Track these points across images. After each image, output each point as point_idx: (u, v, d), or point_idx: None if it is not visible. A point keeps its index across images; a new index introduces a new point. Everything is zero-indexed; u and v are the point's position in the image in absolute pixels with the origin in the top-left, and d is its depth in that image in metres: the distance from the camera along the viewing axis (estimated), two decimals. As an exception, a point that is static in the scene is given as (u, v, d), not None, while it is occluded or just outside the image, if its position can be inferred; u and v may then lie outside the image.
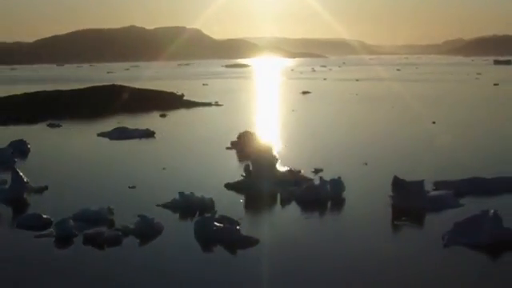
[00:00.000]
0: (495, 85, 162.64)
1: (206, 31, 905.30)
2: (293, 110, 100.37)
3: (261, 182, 43.79)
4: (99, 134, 72.27)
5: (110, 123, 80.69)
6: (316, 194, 41.01)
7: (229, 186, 44.42)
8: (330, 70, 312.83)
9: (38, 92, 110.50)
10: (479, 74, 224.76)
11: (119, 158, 58.37)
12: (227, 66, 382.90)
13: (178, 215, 37.69)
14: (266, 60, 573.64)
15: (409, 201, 38.76)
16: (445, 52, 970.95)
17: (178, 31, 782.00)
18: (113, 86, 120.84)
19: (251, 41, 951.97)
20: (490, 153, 57.63)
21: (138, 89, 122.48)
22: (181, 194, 39.40)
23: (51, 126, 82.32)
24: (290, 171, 46.54)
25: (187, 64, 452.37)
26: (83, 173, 50.57)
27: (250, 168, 44.79)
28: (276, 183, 43.79)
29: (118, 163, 55.46)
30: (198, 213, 37.17)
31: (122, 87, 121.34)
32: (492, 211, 32.95)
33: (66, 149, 64.48)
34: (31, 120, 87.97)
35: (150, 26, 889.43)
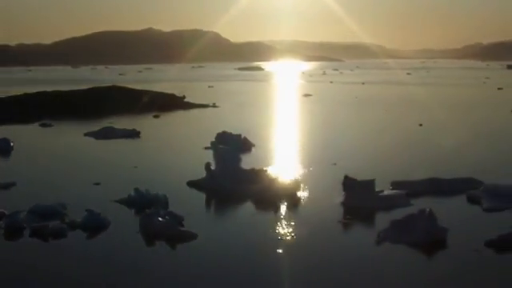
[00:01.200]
0: (499, 89, 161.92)
1: (223, 34, 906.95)
2: (285, 112, 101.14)
3: (221, 180, 44.76)
4: (86, 134, 73.61)
5: (103, 123, 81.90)
6: (271, 193, 41.78)
7: (190, 184, 45.37)
8: (341, 73, 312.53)
9: (37, 92, 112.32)
10: (488, 78, 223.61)
11: (95, 156, 59.52)
12: (240, 69, 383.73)
13: (129, 211, 38.62)
14: (283, 63, 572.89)
15: (359, 200, 39.37)
16: (463, 56, 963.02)
17: (195, 34, 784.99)
18: (112, 87, 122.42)
19: (270, 44, 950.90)
20: (462, 155, 57.97)
21: (138, 90, 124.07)
22: (136, 190, 40.41)
23: (43, 125, 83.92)
24: (252, 170, 47.20)
25: (201, 66, 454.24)
26: (55, 170, 51.95)
27: (211, 166, 45.72)
28: (237, 181, 44.60)
29: (92, 161, 56.57)
30: (151, 208, 38.04)
31: (121, 88, 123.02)
32: (428, 210, 33.50)
33: (48, 147, 65.93)
34: (26, 119, 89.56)
35: (167, 29, 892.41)
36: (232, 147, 61.79)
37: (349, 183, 40.14)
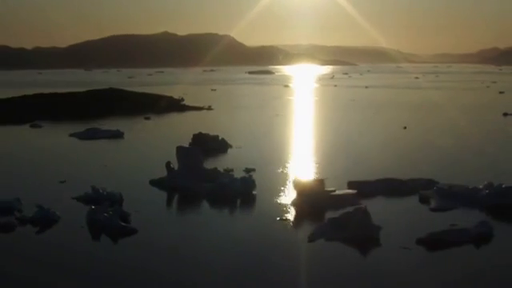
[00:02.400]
0: (500, 93, 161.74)
1: (239, 38, 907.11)
2: (276, 115, 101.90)
3: (181, 179, 45.80)
4: (71, 135, 75.05)
5: (93, 124, 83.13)
6: (225, 191, 42.69)
7: (152, 182, 46.50)
8: (350, 77, 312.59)
9: (34, 94, 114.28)
10: (494, 82, 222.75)
11: (70, 156, 60.72)
12: (250, 73, 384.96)
13: (83, 207, 39.53)
14: (298, 67, 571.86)
15: (308, 199, 40.09)
16: (480, 61, 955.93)
17: (210, 38, 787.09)
18: (109, 90, 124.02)
19: (285, 48, 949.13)
20: (430, 156, 58.44)
21: (135, 92, 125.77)
22: (92, 187, 41.59)
23: (33, 126, 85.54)
24: (214, 169, 48.15)
25: (212, 70, 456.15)
26: (28, 168, 53.41)
27: (171, 165, 46.80)
28: (196, 180, 45.55)
29: (66, 160, 57.85)
30: (106, 205, 39.09)
31: (118, 91, 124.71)
32: (363, 207, 34.25)
33: (29, 147, 67.31)
34: (19, 120, 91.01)
35: (182, 33, 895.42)
36: (202, 148, 62.97)
37: (299, 182, 40.92)
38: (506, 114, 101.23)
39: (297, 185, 40.88)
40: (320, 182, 40.97)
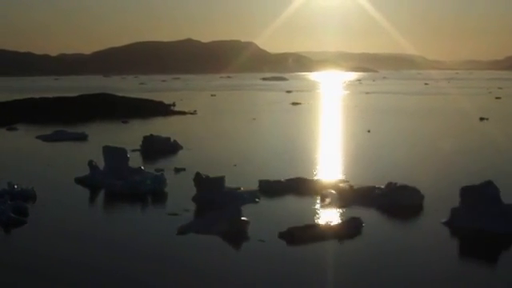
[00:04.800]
0: (497, 98, 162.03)
1: (262, 45, 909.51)
2: (253, 119, 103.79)
3: (102, 177, 48.07)
4: (37, 137, 78.04)
5: (69, 128, 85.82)
6: (135, 189, 44.80)
7: (76, 180, 48.89)
8: (360, 83, 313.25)
9: (24, 99, 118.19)
10: (500, 88, 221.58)
11: (21, 155, 63.79)
12: (264, 79, 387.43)
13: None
14: (319, 74, 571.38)
15: (209, 195, 42.07)
16: (506, 67, 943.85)
17: (233, 45, 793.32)
18: (100, 95, 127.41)
19: (310, 55, 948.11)
20: (364, 158, 59.79)
21: (126, 98, 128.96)
22: (8, 183, 44.12)
23: (9, 129, 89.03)
24: (138, 169, 50.23)
25: (229, 77, 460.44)
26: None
27: (93, 163, 49.15)
28: (117, 178, 47.70)
29: (14, 159, 60.84)
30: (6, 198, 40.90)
31: (109, 96, 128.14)
32: (234, 205, 36.12)
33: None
34: (3, 124, 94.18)
35: (206, 40, 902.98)
36: (151, 149, 65.44)
37: (199, 179, 42.83)
38: (482, 119, 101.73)
39: (198, 181, 42.85)
40: (221, 179, 42.78)
